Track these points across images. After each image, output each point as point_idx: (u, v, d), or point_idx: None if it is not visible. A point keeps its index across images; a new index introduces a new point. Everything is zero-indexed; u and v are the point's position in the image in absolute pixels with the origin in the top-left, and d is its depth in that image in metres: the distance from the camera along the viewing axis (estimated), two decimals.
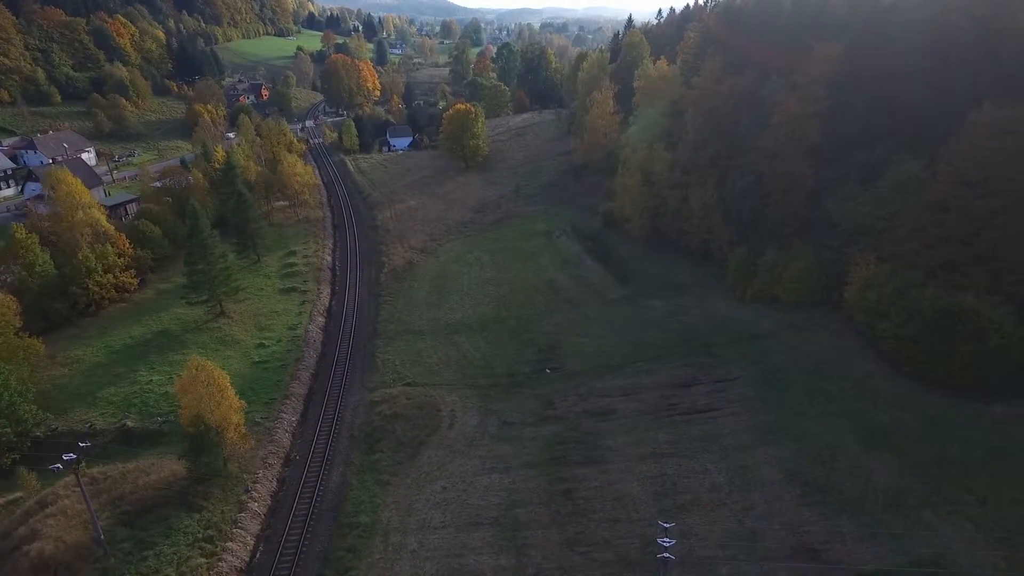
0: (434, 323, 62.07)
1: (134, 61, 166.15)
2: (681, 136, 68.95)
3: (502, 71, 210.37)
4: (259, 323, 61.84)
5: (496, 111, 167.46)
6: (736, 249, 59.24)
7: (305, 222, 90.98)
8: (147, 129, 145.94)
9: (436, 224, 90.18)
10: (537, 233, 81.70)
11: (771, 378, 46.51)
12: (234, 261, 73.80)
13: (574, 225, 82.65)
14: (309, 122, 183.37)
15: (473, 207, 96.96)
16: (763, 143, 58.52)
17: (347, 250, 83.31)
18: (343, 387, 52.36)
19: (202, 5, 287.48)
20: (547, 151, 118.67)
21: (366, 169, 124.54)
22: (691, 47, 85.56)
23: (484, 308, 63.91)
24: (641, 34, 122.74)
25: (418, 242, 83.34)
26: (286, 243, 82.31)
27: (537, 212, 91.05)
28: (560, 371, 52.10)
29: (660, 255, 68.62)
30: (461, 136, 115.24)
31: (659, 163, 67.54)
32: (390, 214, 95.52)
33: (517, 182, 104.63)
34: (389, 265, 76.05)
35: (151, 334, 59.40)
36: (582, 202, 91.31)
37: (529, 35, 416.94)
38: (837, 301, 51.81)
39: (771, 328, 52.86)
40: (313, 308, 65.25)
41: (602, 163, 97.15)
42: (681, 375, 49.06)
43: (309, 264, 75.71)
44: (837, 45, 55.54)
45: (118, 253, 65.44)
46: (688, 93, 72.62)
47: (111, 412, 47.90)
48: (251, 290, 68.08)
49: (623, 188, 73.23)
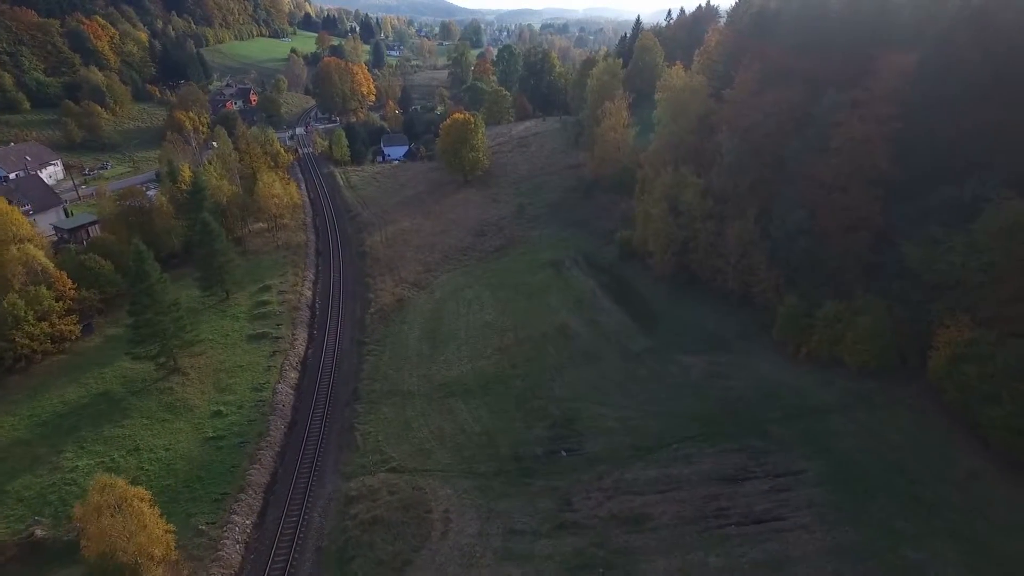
0: (426, 382, 52.58)
1: (113, 65, 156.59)
2: (714, 158, 59.47)
3: (503, 75, 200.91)
4: (219, 382, 52.30)
5: (497, 118, 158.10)
6: (786, 297, 49.74)
7: (285, 248, 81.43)
8: (123, 138, 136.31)
9: (431, 251, 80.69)
10: (544, 264, 72.19)
11: (846, 474, 37.10)
12: (197, 300, 64.66)
13: (586, 254, 73.15)
14: (300, 129, 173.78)
15: (472, 229, 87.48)
16: (817, 170, 49.10)
17: (330, 282, 73.77)
18: (313, 472, 42.85)
19: (192, 6, 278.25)
20: (553, 164, 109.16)
21: (357, 184, 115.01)
22: (715, 53, 76.24)
23: (485, 362, 54.45)
24: (655, 37, 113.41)
25: (410, 273, 73.82)
26: (261, 275, 72.72)
27: (543, 237, 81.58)
28: (578, 454, 42.60)
29: (689, 297, 59.11)
30: (459, 148, 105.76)
31: (688, 190, 58.06)
32: (380, 238, 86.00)
33: (520, 200, 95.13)
34: (376, 303, 66.53)
35: (89, 398, 49.89)
36: (594, 225, 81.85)
37: (530, 36, 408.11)
38: (917, 368, 42.53)
39: (835, 400, 43.43)
40: (285, 360, 55.75)
41: (615, 180, 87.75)
42: (728, 464, 39.62)
43: (285, 302, 66.19)
44: (910, 55, 46.14)
45: (56, 296, 55.98)
46: (719, 107, 63.17)
47: (18, 515, 38.33)
48: (214, 338, 58.55)
49: (645, 217, 63.74)
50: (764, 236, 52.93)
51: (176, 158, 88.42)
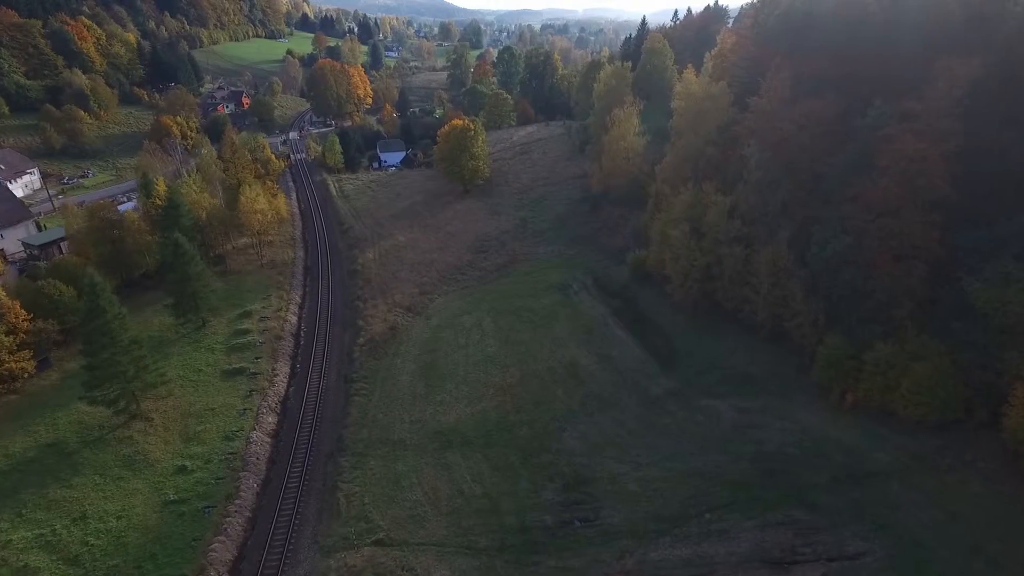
0: (419, 429, 46.71)
1: (99, 67, 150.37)
2: (740, 173, 53.69)
3: (503, 77, 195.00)
4: (187, 429, 46.42)
5: (497, 122, 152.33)
6: (827, 336, 43.90)
7: (270, 267, 75.54)
8: (108, 145, 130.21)
9: (428, 269, 74.84)
10: (550, 286, 66.36)
11: (914, 560, 31.27)
12: (170, 328, 58.88)
13: (595, 276, 67.35)
14: (293, 134, 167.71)
15: (472, 245, 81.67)
16: (862, 191, 43.35)
17: (317, 306, 67.87)
18: (288, 546, 37.00)
19: (186, 6, 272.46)
20: (557, 173, 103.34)
21: (350, 193, 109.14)
22: (734, 57, 70.57)
23: (486, 404, 48.59)
24: (664, 39, 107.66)
25: (404, 296, 67.94)
26: (242, 298, 66.82)
27: (549, 255, 75.76)
28: (594, 524, 36.77)
29: (713, 329, 53.28)
30: (458, 156, 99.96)
31: (712, 210, 52.22)
32: (373, 254, 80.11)
33: (523, 213, 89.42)
34: (367, 331, 60.62)
35: (36, 449, 44.00)
36: (603, 242, 76.07)
37: (531, 37, 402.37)
38: (986, 424, 36.79)
39: (891, 461, 37.57)
40: (263, 401, 49.91)
41: (624, 192, 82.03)
42: (772, 542, 33.75)
43: (267, 330, 60.31)
44: (973, 60, 40.35)
45: (7, 329, 50.12)
46: (744, 117, 57.42)
47: None
48: (185, 374, 52.72)
49: (661, 238, 57.93)
50: (799, 263, 47.14)
51: (153, 169, 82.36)
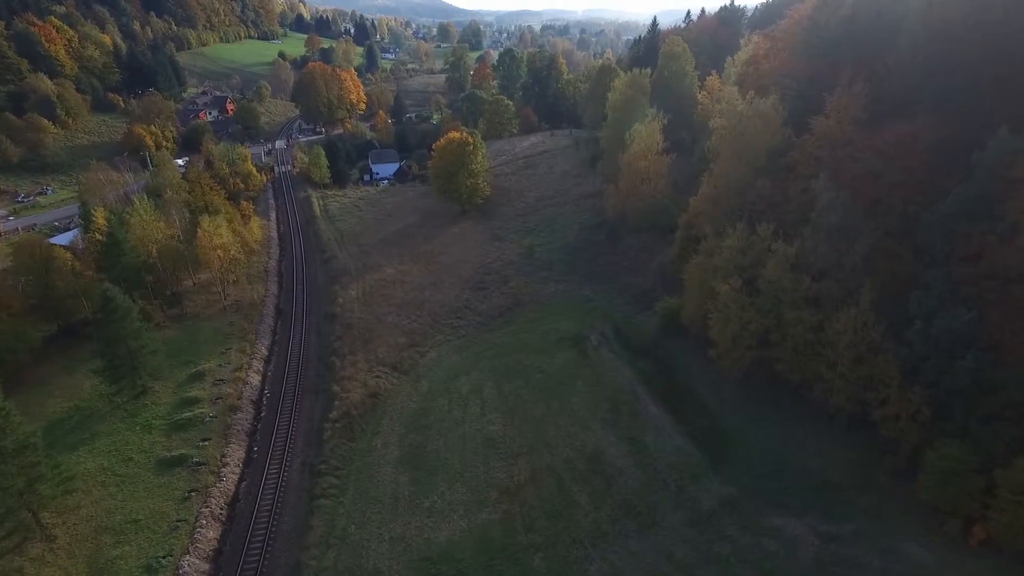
0: (402, 552, 35.91)
1: (69, 72, 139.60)
2: (802, 213, 43.01)
3: (504, 81, 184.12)
4: (98, 554, 35.63)
5: (498, 131, 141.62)
6: (937, 439, 33.21)
7: (235, 310, 64.73)
8: (73, 157, 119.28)
9: (418, 311, 64.08)
10: (563, 339, 55.63)
11: None
12: (103, 395, 48.14)
13: (616, 325, 56.61)
14: (280, 142, 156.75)
15: (470, 279, 70.96)
16: (985, 248, 32.81)
17: (286, 362, 57.11)
18: None
19: (173, 6, 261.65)
20: (566, 192, 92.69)
21: (335, 213, 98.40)
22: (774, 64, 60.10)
23: (488, 515, 37.80)
24: (684, 42, 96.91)
25: (390, 349, 57.14)
26: (196, 353, 56.07)
27: (559, 295, 65.00)
28: None
29: (773, 409, 42.53)
30: (455, 174, 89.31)
31: (772, 261, 41.51)
32: (357, 292, 69.35)
33: (529, 240, 78.68)
34: (343, 400, 49.71)
35: None
36: (623, 281, 65.32)
37: (531, 38, 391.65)
38: None
39: None
40: (204, 506, 39.13)
41: (646, 220, 71.51)
42: None
43: (221, 398, 49.56)
44: None
45: None
46: (804, 142, 46.85)
47: None
48: (110, 465, 41.95)
49: (701, 288, 47.22)
50: (892, 336, 36.51)
51: (100, 192, 71.29)
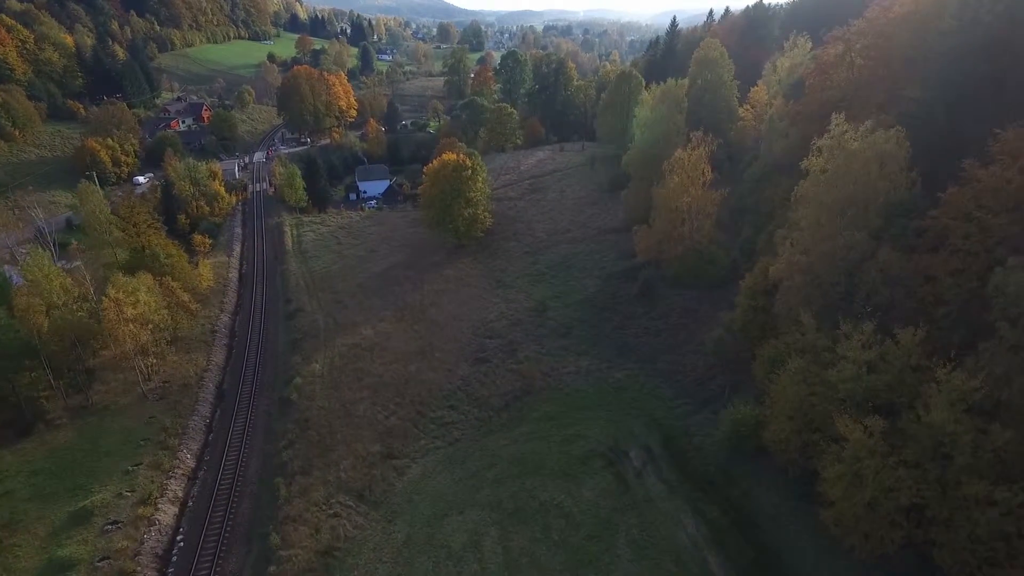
0: None
1: (20, 76, 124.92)
2: (971, 311, 28.10)
3: (507, 86, 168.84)
4: None
5: (500, 143, 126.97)
6: None
7: (159, 396, 49.69)
8: (16, 173, 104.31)
9: (399, 398, 49.13)
10: (592, 453, 40.60)
11: None
12: None
13: (666, 435, 41.59)
14: (259, 154, 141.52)
15: (467, 347, 56.07)
16: None
17: (216, 481, 42.09)
18: None
19: (156, 5, 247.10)
20: (582, 225, 77.70)
21: (309, 247, 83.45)
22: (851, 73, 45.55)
23: None
24: (722, 46, 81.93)
25: (357, 463, 42.06)
26: (91, 473, 41.00)
27: (583, 377, 49.93)
28: None
29: None
30: (451, 203, 74.56)
31: (938, 399, 26.53)
32: (322, 365, 54.37)
33: (541, 291, 63.72)
34: (282, 566, 34.70)
35: None
36: (667, 359, 50.10)
37: (534, 39, 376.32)
38: None
39: None
40: None
41: (691, 270, 57.00)
42: None
43: (109, 557, 34.59)
44: None
45: None
46: (955, 197, 31.88)
47: None
48: None
49: (804, 409, 32.23)
50: None
51: None
